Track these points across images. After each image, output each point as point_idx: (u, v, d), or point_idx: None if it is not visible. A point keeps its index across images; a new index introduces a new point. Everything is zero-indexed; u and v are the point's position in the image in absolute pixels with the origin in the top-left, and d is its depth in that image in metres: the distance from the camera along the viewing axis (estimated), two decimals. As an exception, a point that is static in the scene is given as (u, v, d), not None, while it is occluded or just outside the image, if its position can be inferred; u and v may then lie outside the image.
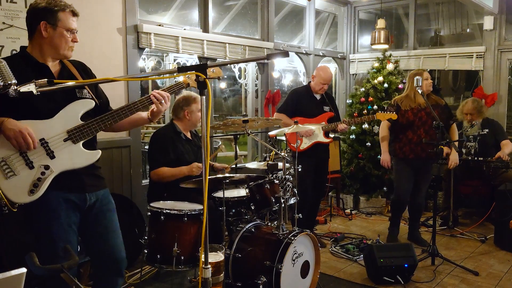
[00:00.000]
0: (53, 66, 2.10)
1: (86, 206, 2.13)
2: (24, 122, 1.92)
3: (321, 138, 4.21)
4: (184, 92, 3.53)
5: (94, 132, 2.06)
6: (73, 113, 2.04)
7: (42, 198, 1.95)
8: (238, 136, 4.79)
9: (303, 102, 4.24)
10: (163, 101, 2.17)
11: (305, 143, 4.19)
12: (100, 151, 2.11)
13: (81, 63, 2.27)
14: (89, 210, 2.15)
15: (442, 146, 3.65)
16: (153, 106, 2.20)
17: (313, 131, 4.14)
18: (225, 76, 8.90)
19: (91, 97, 2.15)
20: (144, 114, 2.27)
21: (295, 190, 3.28)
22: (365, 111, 5.67)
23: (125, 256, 2.27)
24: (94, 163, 2.12)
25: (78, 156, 2.03)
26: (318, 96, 4.28)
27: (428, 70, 6.23)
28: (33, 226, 2.05)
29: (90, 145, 2.11)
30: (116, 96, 3.74)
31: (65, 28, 2.03)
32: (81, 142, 2.04)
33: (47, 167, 1.95)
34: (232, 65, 5.48)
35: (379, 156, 5.44)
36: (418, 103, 4.10)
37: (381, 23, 5.73)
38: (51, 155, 1.97)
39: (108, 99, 2.35)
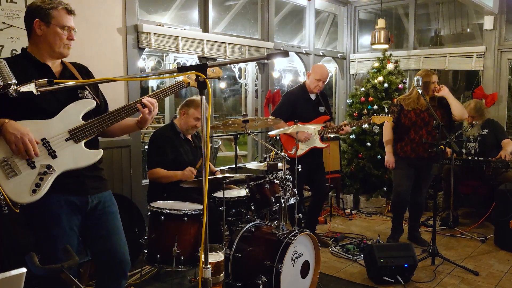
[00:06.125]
0: (55, 66, 2.10)
1: (88, 208, 2.12)
2: (25, 123, 1.91)
3: (318, 143, 4.15)
4: (195, 96, 3.65)
5: (95, 132, 2.06)
6: (75, 113, 2.04)
7: (43, 202, 1.93)
8: (238, 136, 4.79)
9: (298, 105, 4.12)
10: (152, 109, 2.13)
11: (302, 149, 4.09)
12: (101, 150, 2.11)
13: (85, 67, 2.27)
14: (91, 212, 2.14)
15: (442, 146, 3.65)
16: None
17: (311, 136, 4.09)
18: (225, 76, 8.90)
19: (92, 97, 2.16)
20: (133, 122, 2.25)
21: (295, 190, 3.28)
22: (365, 111, 5.67)
23: (129, 258, 2.26)
24: (96, 165, 2.12)
25: (80, 156, 2.03)
26: (313, 96, 4.21)
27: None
28: (34, 229, 2.04)
29: (92, 145, 2.10)
30: (116, 96, 3.74)
31: (59, 25, 2.03)
32: (83, 141, 2.04)
33: (49, 167, 1.94)
34: (232, 65, 5.48)
35: (379, 156, 5.46)
36: (421, 103, 4.05)
37: (381, 23, 5.73)
38: (52, 154, 1.96)
39: (107, 103, 2.35)
